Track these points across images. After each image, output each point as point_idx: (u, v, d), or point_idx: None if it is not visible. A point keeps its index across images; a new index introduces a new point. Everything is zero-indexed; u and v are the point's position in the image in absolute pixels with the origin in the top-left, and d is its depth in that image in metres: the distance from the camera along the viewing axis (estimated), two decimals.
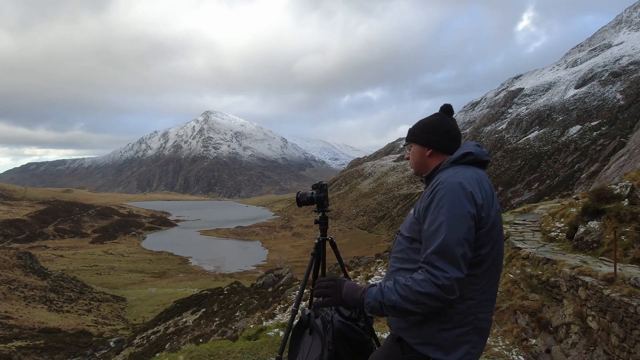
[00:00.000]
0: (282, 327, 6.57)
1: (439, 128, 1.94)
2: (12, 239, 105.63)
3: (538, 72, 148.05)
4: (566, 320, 5.99)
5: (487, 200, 1.70)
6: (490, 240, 1.71)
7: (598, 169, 44.35)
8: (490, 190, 1.77)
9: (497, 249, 1.76)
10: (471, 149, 1.82)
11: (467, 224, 1.58)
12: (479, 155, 1.82)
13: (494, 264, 1.75)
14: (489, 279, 1.72)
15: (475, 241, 1.63)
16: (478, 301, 1.67)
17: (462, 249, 1.55)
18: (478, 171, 1.81)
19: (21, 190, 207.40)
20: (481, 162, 1.85)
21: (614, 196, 7.78)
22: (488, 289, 1.72)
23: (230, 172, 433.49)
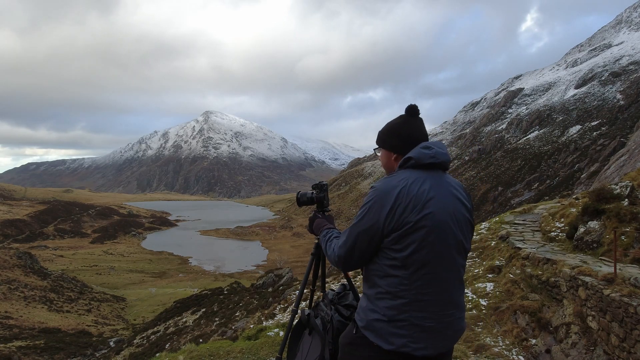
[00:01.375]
0: (282, 327, 6.56)
1: (400, 132, 1.99)
2: (12, 239, 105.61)
3: (538, 72, 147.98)
4: (566, 320, 5.98)
5: (409, 204, 1.75)
6: (412, 245, 1.75)
7: (598, 169, 44.35)
8: (422, 194, 1.77)
9: (429, 256, 1.76)
10: (412, 154, 1.87)
11: (367, 222, 1.81)
12: (419, 159, 1.85)
13: (428, 270, 1.76)
14: (422, 283, 1.76)
15: (395, 243, 1.77)
16: (411, 301, 1.76)
17: (353, 238, 1.86)
18: (419, 174, 1.83)
19: (21, 190, 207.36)
20: (424, 165, 1.85)
21: (614, 196, 7.77)
22: (424, 292, 1.76)
23: (230, 172, 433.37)
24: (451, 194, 1.86)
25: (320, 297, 2.44)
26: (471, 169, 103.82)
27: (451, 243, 1.81)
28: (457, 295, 1.86)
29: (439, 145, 1.95)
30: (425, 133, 2.01)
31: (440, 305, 1.79)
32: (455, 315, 1.84)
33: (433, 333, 1.78)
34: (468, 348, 5.96)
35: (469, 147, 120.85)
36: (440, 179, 1.87)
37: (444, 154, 1.90)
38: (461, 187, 1.97)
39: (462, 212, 1.87)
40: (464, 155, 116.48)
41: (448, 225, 1.79)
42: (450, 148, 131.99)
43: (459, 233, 1.84)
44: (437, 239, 1.77)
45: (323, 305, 2.32)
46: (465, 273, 9.76)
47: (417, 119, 2.02)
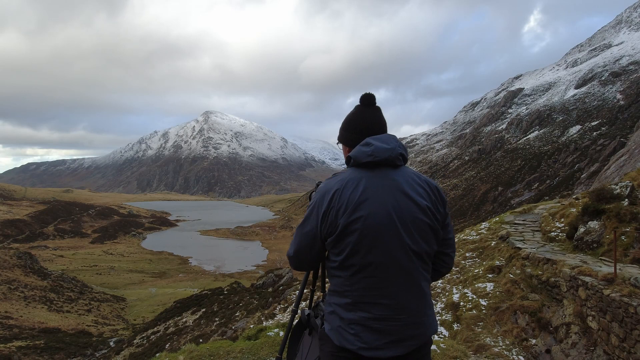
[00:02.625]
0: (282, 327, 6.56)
1: (351, 123, 1.90)
2: (12, 239, 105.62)
3: (538, 72, 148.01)
4: (566, 320, 5.98)
5: (341, 207, 1.69)
6: (346, 249, 1.70)
7: (598, 169, 44.36)
8: (354, 196, 1.69)
9: (366, 259, 1.69)
10: (352, 152, 1.79)
11: (308, 225, 1.80)
12: (356, 158, 1.76)
13: (368, 273, 1.71)
14: (363, 285, 1.72)
15: (332, 247, 1.76)
16: (355, 302, 1.73)
17: (298, 239, 1.85)
18: (357, 174, 1.75)
19: (21, 190, 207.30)
20: (362, 164, 1.75)
21: (614, 196, 7.77)
22: (367, 295, 1.72)
23: (230, 172, 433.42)
24: (398, 193, 1.72)
25: (320, 297, 2.44)
26: (471, 169, 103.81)
27: (393, 246, 1.70)
28: (407, 299, 1.74)
29: (384, 139, 1.79)
30: (380, 124, 1.87)
31: (386, 309, 1.71)
32: (405, 321, 1.73)
33: (380, 335, 1.71)
34: (468, 348, 5.96)
35: (469, 147, 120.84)
36: (384, 177, 1.74)
37: (385, 150, 1.75)
38: (421, 182, 1.80)
39: (410, 212, 1.72)
40: (464, 155, 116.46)
41: (387, 228, 1.69)
42: (450, 148, 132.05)
43: (405, 235, 1.71)
44: (373, 242, 1.68)
45: (323, 305, 2.32)
46: (465, 273, 9.78)
47: (371, 109, 1.89)
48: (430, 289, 10.14)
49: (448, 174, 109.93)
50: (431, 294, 1.85)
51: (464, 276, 9.60)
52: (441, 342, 5.31)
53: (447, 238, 1.90)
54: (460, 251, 11.75)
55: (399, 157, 1.78)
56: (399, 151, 1.78)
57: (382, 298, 1.72)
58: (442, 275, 1.99)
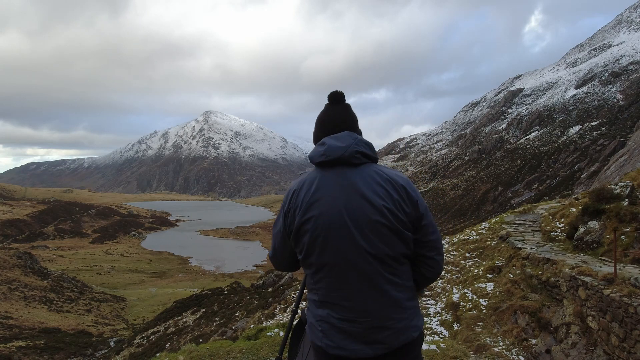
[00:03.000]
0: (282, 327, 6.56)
1: (318, 122, 1.88)
2: (12, 239, 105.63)
3: (538, 72, 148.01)
4: (566, 320, 5.99)
5: (297, 207, 1.70)
6: (303, 249, 1.71)
7: (598, 169, 44.36)
8: (307, 196, 1.68)
9: (320, 260, 1.68)
10: (310, 153, 1.78)
11: (277, 225, 1.85)
12: (312, 158, 1.76)
13: (325, 274, 1.69)
14: (323, 285, 1.71)
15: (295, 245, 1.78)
16: (319, 300, 1.74)
17: (272, 239, 1.91)
18: (315, 174, 1.74)
19: (21, 190, 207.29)
20: (318, 163, 1.73)
21: (614, 196, 7.77)
22: (328, 294, 1.71)
23: (230, 172, 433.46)
24: (352, 193, 1.65)
25: None
26: (471, 169, 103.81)
27: (346, 248, 1.64)
28: (367, 303, 1.67)
29: (340, 137, 1.74)
30: (343, 121, 1.82)
31: (346, 310, 1.68)
32: (367, 324, 1.67)
33: (346, 335, 1.68)
34: (468, 348, 5.96)
35: (469, 147, 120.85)
36: (338, 177, 1.69)
37: (339, 148, 1.69)
38: (383, 181, 1.69)
39: (364, 214, 1.64)
40: (464, 155, 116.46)
41: (338, 228, 1.64)
42: (450, 148, 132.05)
43: (359, 236, 1.63)
44: (325, 243, 1.66)
45: None
46: (465, 273, 9.79)
47: (337, 107, 1.84)
48: (430, 289, 10.07)
49: (448, 174, 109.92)
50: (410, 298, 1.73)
51: (464, 276, 9.60)
52: (441, 342, 5.31)
53: (426, 240, 1.75)
54: (460, 251, 11.76)
55: (356, 156, 1.69)
56: (355, 149, 1.70)
57: (342, 300, 1.69)
58: (428, 280, 1.84)
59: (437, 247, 1.79)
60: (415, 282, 1.82)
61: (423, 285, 1.86)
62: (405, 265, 1.75)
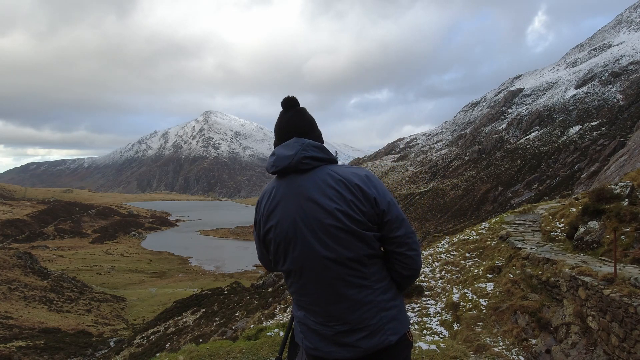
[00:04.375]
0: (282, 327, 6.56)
1: (275, 129, 1.85)
2: (12, 239, 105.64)
3: (538, 72, 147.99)
4: (566, 320, 5.99)
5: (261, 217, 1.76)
6: (272, 256, 1.77)
7: (598, 169, 44.34)
8: (267, 205, 1.73)
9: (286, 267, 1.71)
10: (266, 164, 1.78)
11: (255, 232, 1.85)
12: (266, 169, 1.76)
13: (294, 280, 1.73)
14: (295, 289, 1.76)
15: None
16: (296, 304, 1.81)
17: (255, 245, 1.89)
18: (274, 183, 1.76)
19: (21, 190, 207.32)
20: (273, 173, 1.74)
21: (614, 196, 7.77)
22: (300, 299, 1.76)
23: (230, 172, 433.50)
24: (304, 199, 1.63)
25: None
26: (471, 169, 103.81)
27: (303, 254, 1.63)
28: (332, 308, 1.66)
29: (288, 145, 1.70)
30: (296, 127, 1.76)
31: (318, 314, 1.71)
32: (336, 328, 1.66)
33: (322, 337, 1.71)
34: (468, 348, 5.96)
35: (469, 147, 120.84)
36: (289, 185, 1.67)
37: (286, 157, 1.66)
38: (333, 184, 1.64)
39: (317, 219, 1.61)
40: (464, 155, 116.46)
41: (294, 235, 1.64)
42: (450, 148, 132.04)
43: (315, 242, 1.61)
44: (285, 251, 1.68)
45: None
46: (465, 273, 9.79)
47: (289, 113, 1.78)
48: (430, 289, 10.05)
49: (448, 174, 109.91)
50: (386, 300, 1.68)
51: (464, 276, 9.60)
52: (441, 342, 5.31)
53: (393, 237, 1.68)
54: (460, 251, 11.76)
55: (304, 162, 1.65)
56: (302, 155, 1.65)
57: (310, 304, 1.72)
58: (406, 278, 1.75)
59: (407, 242, 1.69)
60: (395, 282, 1.76)
61: (404, 284, 1.77)
62: (374, 266, 1.68)
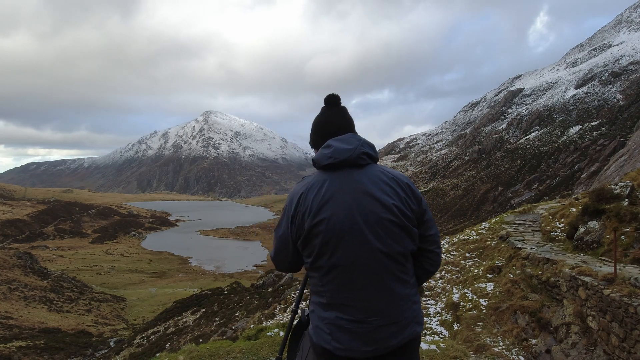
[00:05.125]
0: (282, 327, 6.56)
1: (316, 126, 1.90)
2: (12, 239, 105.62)
3: (538, 72, 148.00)
4: (566, 320, 5.98)
5: (306, 211, 1.71)
6: (314, 251, 1.72)
7: (598, 169, 44.34)
8: (317, 199, 1.70)
9: (332, 261, 1.69)
10: (315, 156, 1.80)
11: (281, 229, 1.82)
12: (318, 161, 1.77)
13: (336, 275, 1.70)
14: (333, 287, 1.72)
15: (302, 249, 1.78)
16: (327, 302, 1.75)
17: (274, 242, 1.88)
18: (321, 177, 1.75)
19: (21, 190, 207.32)
20: (324, 166, 1.75)
21: (614, 196, 7.77)
22: (338, 296, 1.72)
23: (230, 172, 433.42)
24: (361, 193, 1.70)
25: None
26: (471, 169, 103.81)
27: (358, 248, 1.68)
28: (377, 302, 1.71)
29: (345, 139, 1.77)
30: (342, 125, 1.85)
31: (357, 310, 1.71)
32: (377, 323, 1.71)
33: (353, 336, 1.70)
34: (468, 348, 5.96)
35: (469, 147, 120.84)
36: (347, 178, 1.72)
37: (346, 150, 1.73)
38: (389, 180, 1.75)
39: (374, 213, 1.69)
40: (464, 155, 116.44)
41: (351, 229, 1.67)
42: (450, 148, 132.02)
43: (371, 236, 1.68)
44: (337, 244, 1.68)
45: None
46: (465, 273, 9.79)
47: (333, 110, 1.86)
48: (430, 289, 10.06)
49: (448, 174, 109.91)
50: (414, 294, 1.81)
51: (464, 276, 9.60)
52: (441, 342, 5.31)
53: (428, 235, 1.84)
54: (460, 251, 11.76)
55: (362, 157, 1.74)
56: (361, 150, 1.74)
57: (353, 300, 1.71)
58: (429, 273, 1.91)
59: (437, 240, 1.89)
60: (417, 277, 1.88)
61: (424, 279, 1.93)
62: (410, 262, 1.81)
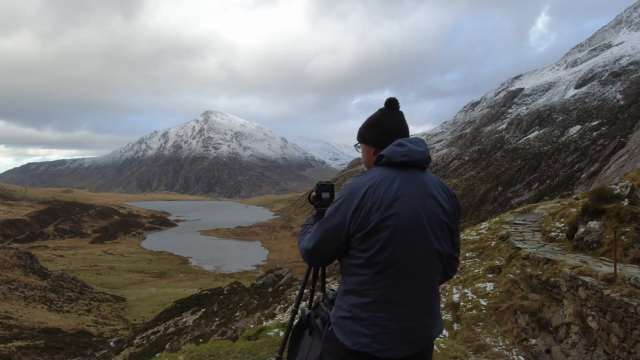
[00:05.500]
0: (282, 327, 6.56)
1: (380, 125, 1.94)
2: (12, 239, 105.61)
3: (538, 72, 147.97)
4: (566, 320, 5.98)
5: (375, 204, 1.71)
6: (376, 245, 1.71)
7: (598, 169, 44.35)
8: (389, 193, 1.72)
9: (392, 257, 1.71)
10: (385, 151, 1.82)
11: (335, 220, 1.78)
12: (390, 157, 1.79)
13: (392, 272, 1.72)
14: (385, 284, 1.73)
15: (360, 243, 1.75)
16: (375, 301, 1.73)
17: (320, 234, 1.83)
18: (389, 173, 1.77)
19: (21, 190, 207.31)
20: (396, 163, 1.78)
21: (614, 196, 7.77)
22: (388, 294, 1.73)
23: (230, 172, 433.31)
24: (426, 194, 1.77)
25: (321, 297, 2.44)
26: (471, 169, 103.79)
27: (419, 246, 1.74)
28: (426, 300, 1.79)
29: (416, 142, 1.86)
30: (404, 127, 1.95)
31: (405, 308, 1.74)
32: (422, 321, 1.78)
33: (397, 336, 1.73)
34: (468, 348, 5.96)
35: (469, 147, 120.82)
36: (414, 178, 1.79)
37: (419, 152, 1.81)
38: (443, 187, 1.87)
39: (436, 215, 1.77)
40: (464, 155, 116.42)
41: (416, 227, 1.73)
42: (450, 148, 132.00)
43: (432, 236, 1.76)
44: (402, 240, 1.71)
45: (323, 306, 2.31)
46: (465, 273, 9.78)
47: (396, 112, 1.96)
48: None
49: (448, 174, 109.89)
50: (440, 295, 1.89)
51: (464, 276, 9.60)
52: (441, 342, 5.31)
53: (457, 242, 1.96)
54: (461, 251, 11.76)
55: (428, 161, 1.85)
56: (428, 155, 1.85)
57: (403, 298, 1.74)
58: (448, 278, 2.02)
59: (459, 249, 2.03)
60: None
61: (442, 282, 2.01)
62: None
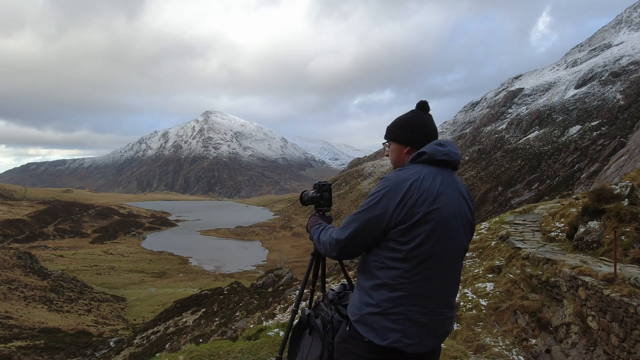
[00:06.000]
0: (282, 327, 6.56)
1: (415, 125, 2.02)
2: (12, 239, 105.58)
3: (538, 72, 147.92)
4: (566, 320, 5.98)
5: (420, 197, 1.77)
6: (418, 237, 1.76)
7: (598, 169, 44.33)
8: (433, 188, 1.80)
9: (432, 250, 1.78)
10: (426, 149, 1.89)
11: (375, 211, 1.80)
12: (432, 155, 1.87)
13: (429, 265, 1.78)
14: (421, 277, 1.78)
15: (400, 235, 1.78)
16: (408, 295, 1.77)
17: (357, 224, 1.84)
18: (430, 170, 1.85)
19: (21, 190, 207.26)
20: (437, 161, 1.87)
21: (614, 196, 7.77)
22: (422, 287, 1.79)
23: (230, 172, 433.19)
24: (459, 193, 1.90)
25: (321, 297, 2.44)
26: (471, 169, 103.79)
27: (454, 241, 1.84)
28: (451, 294, 1.89)
29: (452, 144, 1.98)
30: (436, 130, 2.05)
31: (435, 302, 1.82)
32: (446, 315, 1.87)
33: (424, 329, 1.79)
34: (468, 348, 5.96)
35: (469, 147, 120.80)
36: (450, 177, 1.90)
37: (456, 154, 1.94)
38: (465, 188, 2.00)
39: (465, 213, 1.91)
40: (464, 155, 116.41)
41: (453, 223, 1.83)
42: None
43: (462, 233, 1.88)
44: (442, 234, 1.79)
45: (323, 305, 2.32)
46: (465, 273, 9.78)
47: (428, 115, 2.06)
48: None
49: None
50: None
51: (464, 276, 9.59)
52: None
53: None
54: None
55: (459, 162, 1.99)
56: (460, 157, 2.00)
57: (436, 291, 1.82)
58: None
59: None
60: None
61: None
62: None
